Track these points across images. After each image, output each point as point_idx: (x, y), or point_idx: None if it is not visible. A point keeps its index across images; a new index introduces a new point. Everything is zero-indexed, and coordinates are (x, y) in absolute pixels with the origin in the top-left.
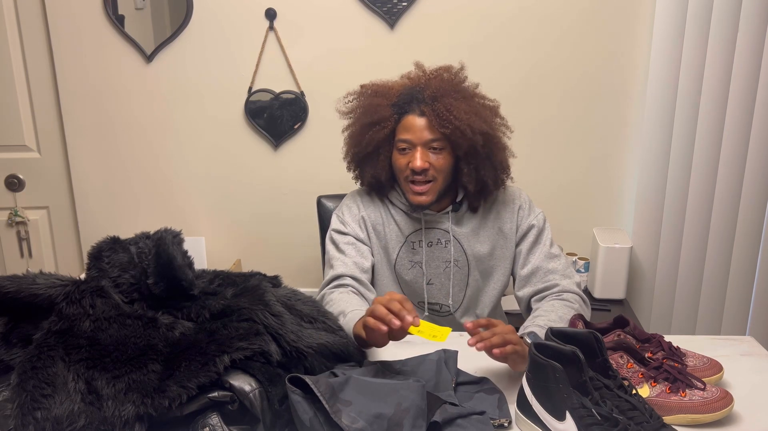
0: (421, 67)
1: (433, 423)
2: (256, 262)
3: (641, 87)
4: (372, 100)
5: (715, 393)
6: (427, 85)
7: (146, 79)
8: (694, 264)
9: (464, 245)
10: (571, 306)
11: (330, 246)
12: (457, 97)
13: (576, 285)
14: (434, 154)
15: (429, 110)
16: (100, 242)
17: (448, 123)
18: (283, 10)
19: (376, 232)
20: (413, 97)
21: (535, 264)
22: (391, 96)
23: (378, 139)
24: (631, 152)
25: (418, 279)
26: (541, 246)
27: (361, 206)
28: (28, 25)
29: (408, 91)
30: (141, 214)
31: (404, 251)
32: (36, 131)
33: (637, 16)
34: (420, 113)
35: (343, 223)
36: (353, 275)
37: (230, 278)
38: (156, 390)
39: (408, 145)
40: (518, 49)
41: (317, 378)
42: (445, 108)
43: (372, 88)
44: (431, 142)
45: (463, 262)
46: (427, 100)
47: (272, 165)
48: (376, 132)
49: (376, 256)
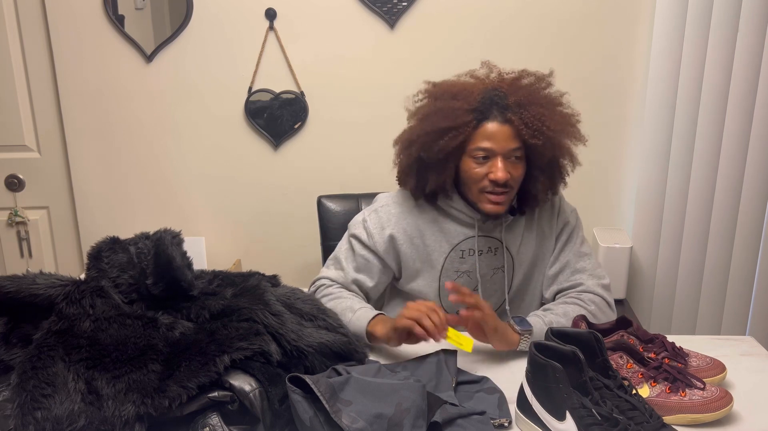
0: (492, 67)
1: (434, 423)
2: (256, 262)
3: (641, 87)
4: (451, 103)
5: (714, 393)
6: (510, 90)
7: (146, 79)
8: (694, 264)
9: (512, 251)
10: (585, 307)
11: (344, 246)
12: (546, 105)
13: (603, 288)
14: (513, 164)
15: (516, 118)
16: (99, 242)
17: (539, 134)
18: (283, 10)
19: (412, 246)
20: (494, 102)
21: (563, 262)
22: (471, 99)
23: (452, 145)
24: (631, 152)
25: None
26: (572, 245)
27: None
28: (28, 25)
29: (488, 95)
30: (141, 214)
31: (450, 261)
32: (36, 131)
33: (637, 16)
34: (503, 120)
35: (368, 233)
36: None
37: (229, 278)
38: (156, 390)
39: (488, 154)
40: (518, 49)
41: (317, 378)
42: (535, 117)
43: (449, 89)
44: (513, 152)
45: (509, 267)
46: (512, 106)
47: (272, 165)
48: (452, 138)
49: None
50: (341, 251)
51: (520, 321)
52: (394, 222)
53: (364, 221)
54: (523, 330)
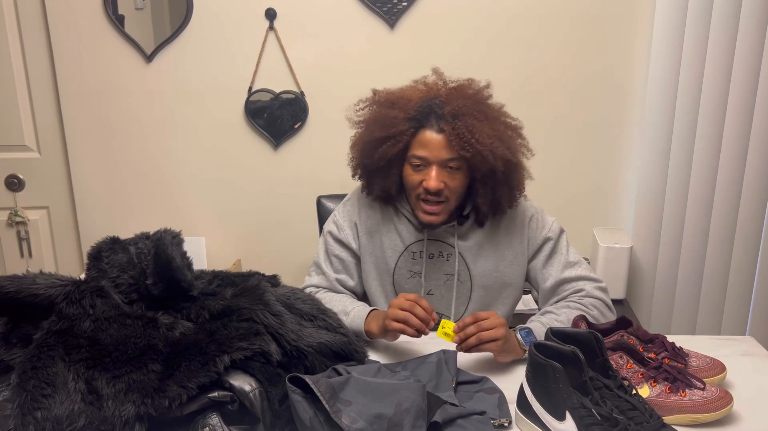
0: (441, 75)
1: (434, 423)
2: (256, 262)
3: (641, 87)
4: (388, 112)
5: (714, 393)
6: (448, 99)
7: (146, 79)
8: (694, 264)
9: (467, 260)
10: (588, 312)
11: (321, 248)
12: (480, 117)
13: (601, 290)
14: (450, 174)
15: (449, 128)
16: (99, 242)
17: (469, 146)
18: (283, 10)
19: (370, 239)
20: (432, 111)
21: (557, 276)
22: (409, 108)
23: (391, 154)
24: (631, 152)
25: (417, 289)
26: (559, 256)
27: (358, 210)
28: (28, 25)
29: (426, 104)
30: (141, 213)
31: (404, 260)
32: (36, 131)
33: (637, 16)
34: (438, 130)
35: (338, 226)
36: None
37: (229, 278)
38: (156, 390)
39: (422, 162)
40: (518, 50)
41: (317, 378)
42: (467, 129)
43: (387, 97)
44: (448, 162)
45: (465, 277)
46: (447, 116)
47: (272, 165)
48: (391, 146)
49: (366, 264)
50: (320, 255)
51: (526, 335)
52: (356, 213)
53: (334, 215)
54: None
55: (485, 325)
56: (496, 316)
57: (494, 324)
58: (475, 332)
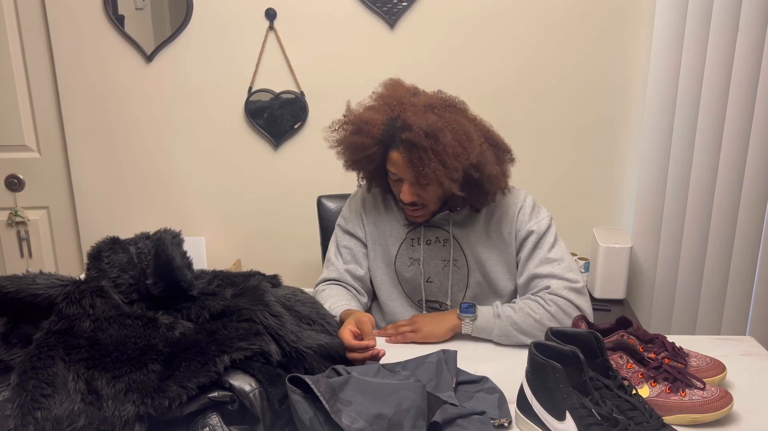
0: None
1: (434, 423)
2: (256, 262)
3: (641, 87)
4: (355, 139)
5: (714, 393)
6: (404, 123)
7: (146, 79)
8: (694, 264)
9: (463, 246)
10: (544, 306)
11: (332, 243)
12: (429, 152)
13: (571, 291)
14: (422, 187)
15: (406, 155)
16: (99, 242)
17: (423, 177)
18: (283, 10)
19: (376, 228)
20: (394, 133)
21: (531, 271)
22: (374, 132)
23: (370, 169)
24: (631, 152)
25: (417, 277)
26: (539, 252)
27: (362, 202)
28: (28, 25)
29: (388, 127)
30: (141, 213)
31: (404, 248)
32: (36, 131)
33: (637, 16)
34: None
35: (345, 218)
36: (344, 281)
37: (229, 278)
38: (156, 390)
39: (396, 176)
40: (518, 49)
41: (317, 378)
42: (418, 160)
43: (354, 122)
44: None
45: (462, 263)
46: (405, 143)
47: (272, 165)
48: (367, 164)
49: (373, 253)
50: (330, 250)
51: (467, 308)
52: (361, 204)
53: (343, 209)
54: (464, 315)
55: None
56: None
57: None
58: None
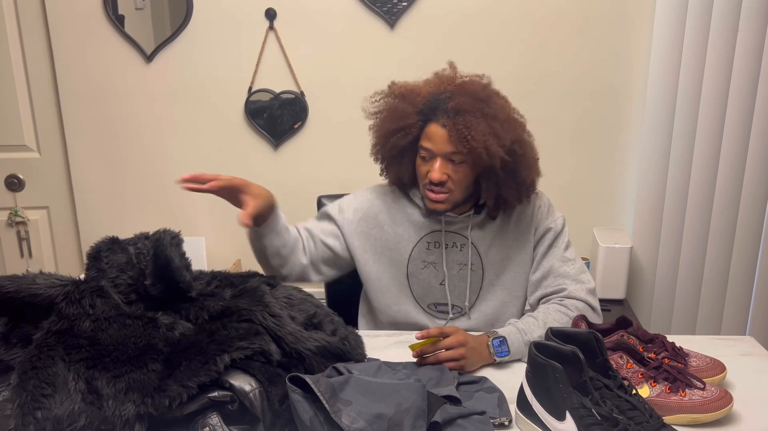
0: (454, 68)
1: (434, 423)
2: (256, 262)
3: (641, 87)
4: (398, 105)
5: (714, 393)
6: (453, 94)
7: (146, 78)
8: (694, 264)
9: (480, 250)
10: (567, 313)
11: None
12: (478, 114)
13: (588, 292)
14: (454, 166)
15: (450, 124)
16: (98, 242)
17: (465, 142)
18: (283, 10)
19: (382, 231)
20: (438, 105)
21: (546, 267)
22: (418, 101)
23: (402, 144)
24: (631, 152)
25: (431, 280)
26: (555, 250)
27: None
28: (28, 25)
29: (434, 98)
30: (141, 213)
31: (418, 250)
32: (36, 131)
33: (637, 16)
34: (442, 124)
35: (341, 210)
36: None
37: (228, 279)
38: (156, 389)
39: (428, 154)
40: (517, 50)
41: (317, 378)
42: (465, 126)
43: (400, 89)
44: (451, 155)
45: (477, 266)
46: (450, 111)
47: (272, 165)
48: (401, 138)
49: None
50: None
51: (499, 344)
52: (367, 206)
53: (340, 203)
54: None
55: (445, 343)
56: (460, 333)
57: (454, 343)
58: (432, 351)
